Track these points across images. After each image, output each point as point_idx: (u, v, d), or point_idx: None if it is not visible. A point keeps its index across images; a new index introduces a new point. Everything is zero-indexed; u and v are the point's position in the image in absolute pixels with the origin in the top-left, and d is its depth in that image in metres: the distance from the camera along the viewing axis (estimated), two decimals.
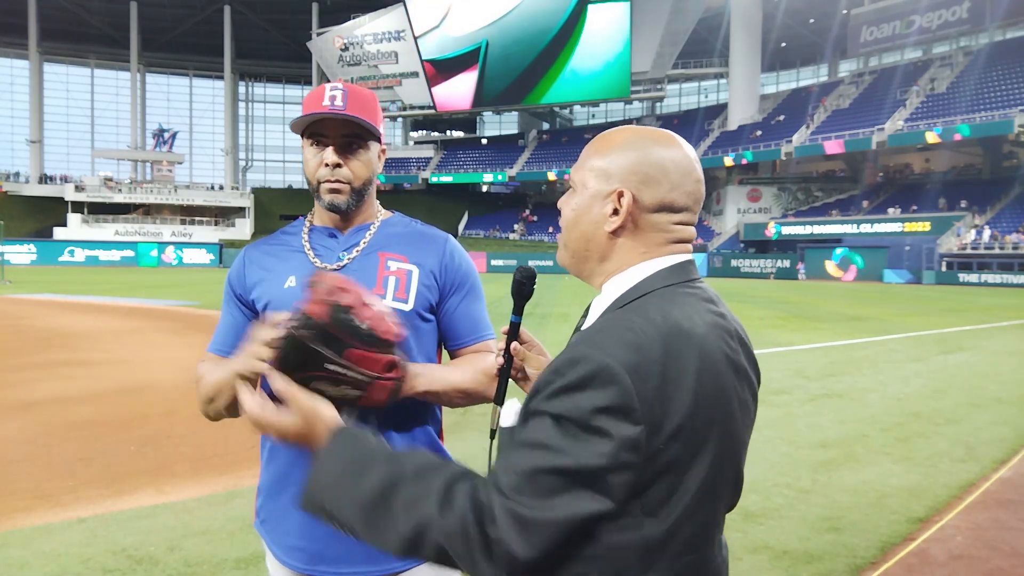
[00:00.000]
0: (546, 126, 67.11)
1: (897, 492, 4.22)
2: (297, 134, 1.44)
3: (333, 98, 1.36)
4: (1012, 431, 5.74)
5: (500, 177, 58.58)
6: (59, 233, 50.00)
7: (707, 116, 56.15)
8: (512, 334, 1.17)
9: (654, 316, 0.88)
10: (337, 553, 1.38)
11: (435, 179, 60.56)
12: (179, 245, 50.31)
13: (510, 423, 0.94)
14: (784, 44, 56.67)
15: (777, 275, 41.66)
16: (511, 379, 1.20)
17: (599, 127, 56.11)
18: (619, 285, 0.97)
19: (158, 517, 3.64)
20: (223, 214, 56.03)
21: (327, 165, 1.39)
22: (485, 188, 65.19)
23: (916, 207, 40.96)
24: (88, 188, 53.21)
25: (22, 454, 4.76)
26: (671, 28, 49.84)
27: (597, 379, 0.81)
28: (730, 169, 49.72)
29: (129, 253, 48.80)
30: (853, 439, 5.47)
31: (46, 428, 5.41)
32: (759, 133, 48.72)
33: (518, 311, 1.15)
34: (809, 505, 3.98)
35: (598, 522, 0.82)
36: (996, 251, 35.64)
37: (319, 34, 59.21)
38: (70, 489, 4.04)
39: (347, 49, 57.53)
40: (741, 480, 0.98)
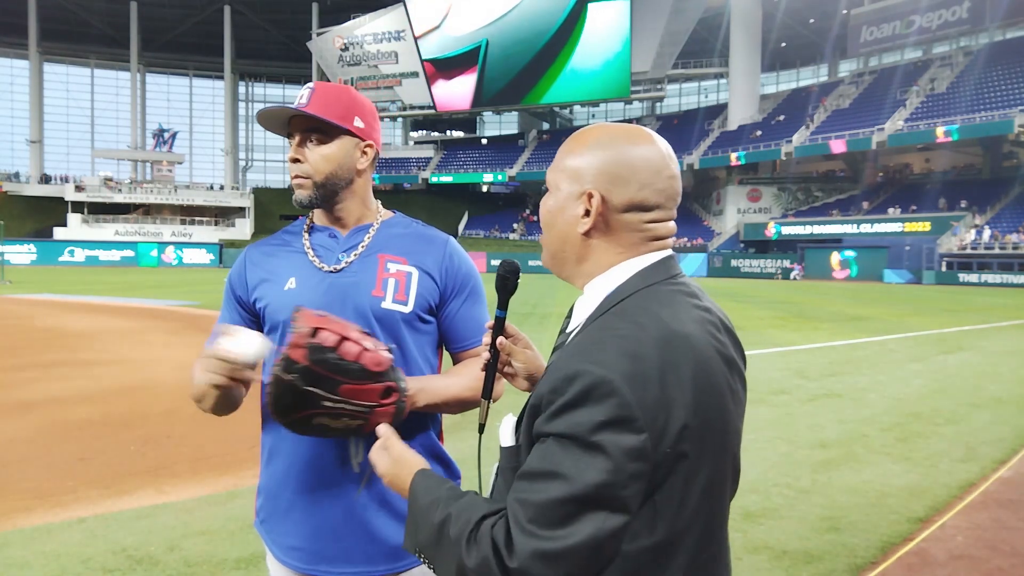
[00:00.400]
0: (546, 126, 67.08)
1: (897, 492, 4.22)
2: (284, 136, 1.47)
3: (301, 96, 1.40)
4: (1012, 431, 5.74)
5: (500, 177, 58.58)
6: (59, 233, 49.97)
7: (707, 116, 56.11)
8: (497, 328, 1.16)
9: (644, 320, 0.88)
10: (337, 553, 1.38)
11: (435, 179, 60.56)
12: (179, 245, 50.33)
13: (508, 443, 0.94)
14: (784, 44, 56.67)
15: (784, 275, 41.62)
16: (499, 373, 1.20)
17: None
18: (601, 288, 0.96)
19: (158, 517, 3.64)
20: (223, 214, 56.01)
21: (291, 160, 1.43)
22: (485, 188, 65.17)
23: (916, 207, 40.97)
24: (88, 188, 53.17)
25: (22, 454, 4.76)
26: (671, 28, 49.85)
27: (595, 393, 0.81)
28: (730, 169, 49.75)
29: (129, 253, 48.83)
30: (853, 439, 5.47)
31: (46, 428, 5.41)
32: (759, 133, 48.72)
33: (503, 305, 1.15)
34: (809, 505, 3.98)
35: (616, 534, 0.83)
36: (996, 251, 35.66)
37: (319, 34, 59.20)
38: (70, 489, 4.04)
39: (347, 49, 57.53)
40: (739, 468, 0.99)
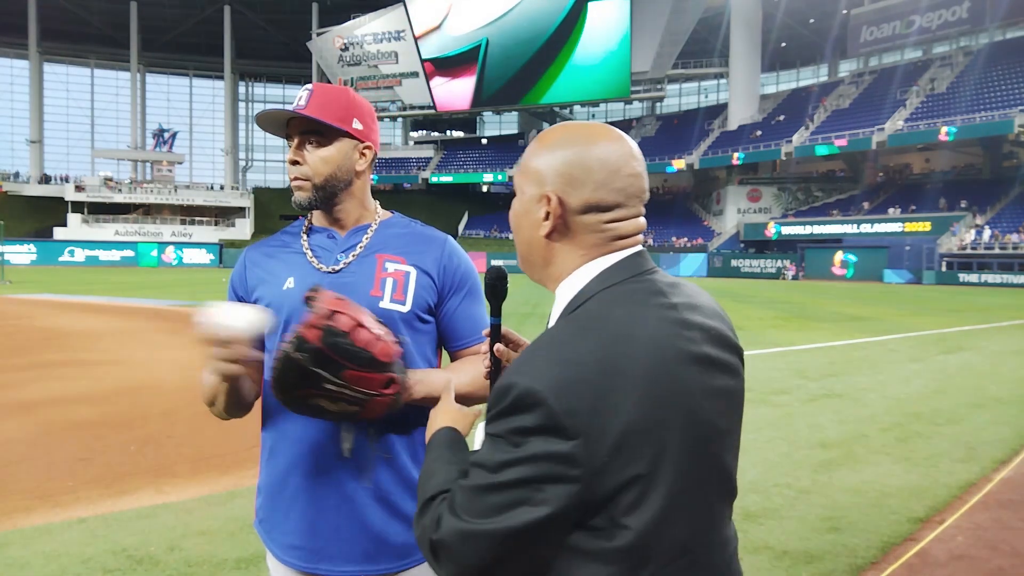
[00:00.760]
0: (546, 126, 66.39)
1: (897, 492, 4.22)
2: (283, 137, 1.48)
3: (299, 98, 1.40)
4: (1012, 431, 5.74)
5: (500, 177, 58.54)
6: (59, 233, 49.97)
7: (707, 116, 56.12)
8: (494, 336, 1.15)
9: (592, 324, 0.87)
10: (336, 552, 1.38)
11: (435, 179, 60.57)
12: (179, 245, 50.33)
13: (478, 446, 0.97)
14: (784, 44, 56.67)
15: (776, 274, 41.56)
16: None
17: None
18: (567, 291, 0.96)
19: (158, 517, 3.63)
20: (223, 214, 56.01)
21: (289, 163, 1.44)
22: (485, 188, 65.16)
23: (916, 207, 40.98)
24: (88, 188, 53.15)
25: (22, 454, 4.75)
26: (671, 28, 49.85)
27: (522, 404, 0.83)
28: (730, 169, 49.75)
29: (129, 253, 48.83)
30: (853, 439, 5.47)
31: (46, 428, 5.41)
32: (759, 133, 48.72)
33: (496, 312, 1.14)
34: (809, 505, 3.98)
35: (556, 532, 0.84)
36: (996, 251, 35.66)
37: (319, 34, 59.20)
38: (70, 489, 4.04)
39: (347, 49, 57.53)
40: (728, 471, 0.94)
